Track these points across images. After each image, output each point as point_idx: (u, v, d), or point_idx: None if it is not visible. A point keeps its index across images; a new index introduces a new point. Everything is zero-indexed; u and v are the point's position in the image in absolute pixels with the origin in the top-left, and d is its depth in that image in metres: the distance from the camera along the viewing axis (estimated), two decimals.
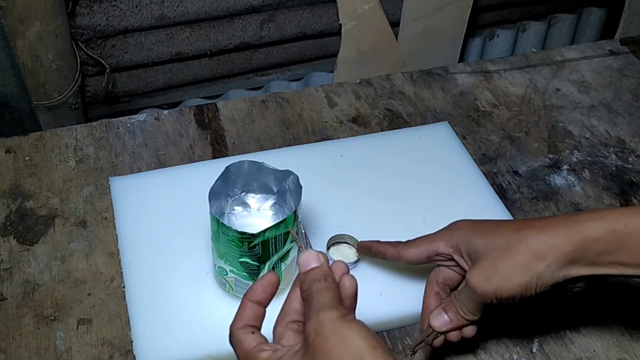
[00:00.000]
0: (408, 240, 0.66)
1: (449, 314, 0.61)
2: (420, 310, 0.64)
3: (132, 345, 0.65)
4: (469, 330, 0.62)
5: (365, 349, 0.43)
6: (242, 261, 0.63)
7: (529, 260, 0.56)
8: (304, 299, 0.49)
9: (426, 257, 0.63)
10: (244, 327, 0.49)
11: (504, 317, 0.68)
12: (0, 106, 1.18)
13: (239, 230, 0.61)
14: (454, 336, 0.61)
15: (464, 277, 0.61)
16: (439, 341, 0.62)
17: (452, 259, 0.62)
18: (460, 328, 0.61)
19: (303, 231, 0.56)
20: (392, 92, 0.97)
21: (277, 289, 0.51)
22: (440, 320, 0.61)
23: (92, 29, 1.22)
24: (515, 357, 0.67)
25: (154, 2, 1.23)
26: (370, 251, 0.70)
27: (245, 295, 0.51)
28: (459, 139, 0.88)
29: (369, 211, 0.78)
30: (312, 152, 0.85)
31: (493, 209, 0.79)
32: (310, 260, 0.49)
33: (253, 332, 0.49)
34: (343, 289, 0.49)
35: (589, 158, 0.88)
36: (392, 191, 0.80)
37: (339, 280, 0.50)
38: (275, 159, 0.71)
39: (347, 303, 0.49)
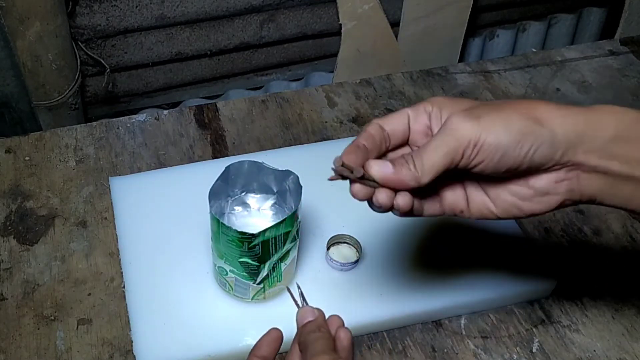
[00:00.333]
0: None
1: (397, 164, 0.49)
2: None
3: (132, 345, 0.65)
4: (400, 199, 0.50)
5: None
6: (242, 261, 0.63)
7: (529, 120, 0.47)
8: (301, 350, 0.51)
9: (405, 122, 0.52)
10: None
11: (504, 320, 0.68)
12: (0, 106, 1.18)
13: (239, 230, 0.61)
14: (382, 197, 0.50)
15: (406, 143, 0.52)
16: (363, 189, 0.51)
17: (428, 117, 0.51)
18: (397, 189, 0.50)
19: (300, 290, 0.58)
20: (392, 92, 0.97)
21: (281, 343, 0.54)
22: (383, 169, 0.49)
23: (92, 29, 1.22)
24: (515, 357, 0.67)
25: (154, 2, 1.23)
26: (355, 156, 0.51)
27: (251, 351, 0.53)
28: None
29: (369, 211, 0.78)
30: (312, 152, 0.85)
31: None
32: (306, 316, 0.52)
33: None
34: (339, 341, 0.51)
35: None
36: None
37: (334, 333, 0.52)
38: (275, 159, 0.71)
39: (343, 354, 0.51)
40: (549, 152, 0.47)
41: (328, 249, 0.73)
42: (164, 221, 0.76)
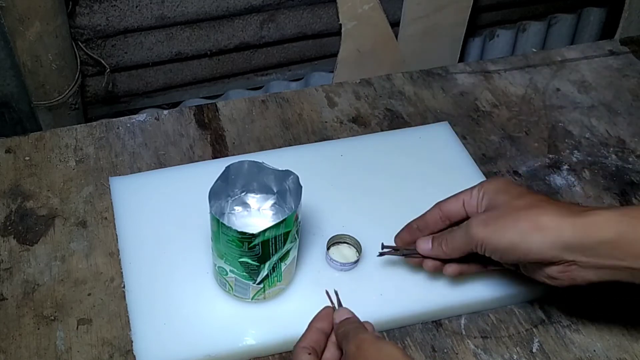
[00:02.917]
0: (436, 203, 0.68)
1: (435, 243, 0.65)
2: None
3: (132, 345, 0.65)
4: (449, 269, 0.67)
5: (400, 356, 0.53)
6: (242, 261, 0.63)
7: (528, 227, 0.58)
8: (339, 341, 0.58)
9: (462, 205, 0.65)
10: (305, 347, 0.58)
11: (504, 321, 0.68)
12: (0, 106, 1.18)
13: (239, 230, 0.61)
14: (429, 265, 0.67)
15: (467, 218, 0.64)
16: (413, 260, 0.69)
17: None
18: (440, 260, 0.66)
19: (335, 291, 0.65)
20: (392, 92, 0.97)
21: (331, 329, 0.61)
22: (424, 246, 0.66)
23: (92, 29, 1.22)
24: (515, 357, 0.67)
25: (154, 2, 1.23)
26: (408, 236, 0.69)
27: (313, 319, 0.61)
28: (459, 139, 0.88)
29: (369, 211, 0.78)
30: (312, 152, 0.85)
31: None
32: (343, 314, 0.61)
33: (310, 354, 0.57)
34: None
35: (589, 158, 0.88)
36: (392, 191, 0.80)
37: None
38: (275, 159, 0.71)
39: None
40: (541, 255, 0.58)
41: (328, 249, 0.73)
42: (164, 221, 0.76)
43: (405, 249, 0.68)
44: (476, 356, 0.67)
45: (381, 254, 0.69)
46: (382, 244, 0.69)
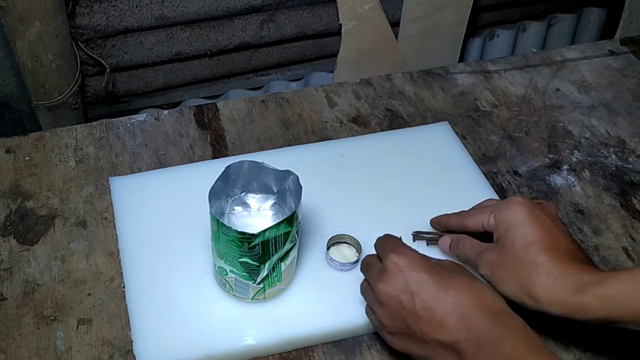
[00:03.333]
0: (472, 208, 0.71)
1: (452, 246, 0.70)
2: None
3: (132, 345, 0.65)
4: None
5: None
6: (242, 261, 0.63)
7: (522, 291, 0.60)
8: (378, 253, 0.64)
9: (481, 226, 0.67)
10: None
11: None
12: (0, 106, 1.18)
13: (239, 230, 0.61)
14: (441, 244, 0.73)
15: (487, 235, 0.67)
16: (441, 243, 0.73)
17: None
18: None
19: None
20: (392, 92, 0.97)
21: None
22: (443, 245, 0.72)
23: (92, 29, 1.22)
24: None
25: (154, 2, 1.23)
26: (439, 225, 0.74)
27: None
28: (459, 139, 0.88)
29: (369, 211, 0.78)
30: (312, 152, 0.85)
31: None
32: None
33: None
34: None
35: (589, 158, 0.88)
36: (392, 191, 0.80)
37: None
38: (275, 159, 0.71)
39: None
40: (540, 310, 0.60)
41: (328, 249, 0.73)
42: (164, 221, 0.76)
43: (433, 239, 0.74)
44: None
45: (416, 240, 0.75)
46: (418, 235, 0.75)
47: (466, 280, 0.58)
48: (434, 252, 0.71)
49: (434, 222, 0.74)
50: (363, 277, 0.65)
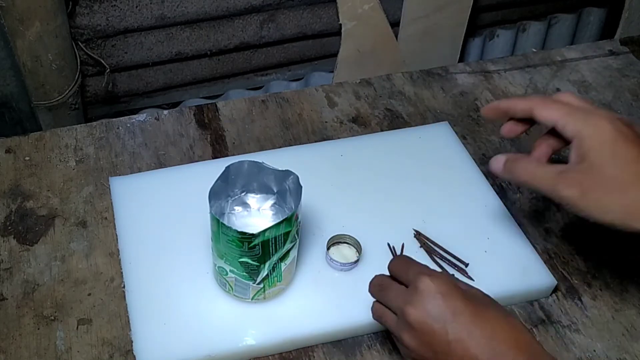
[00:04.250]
0: (538, 96, 0.65)
1: (507, 166, 0.63)
2: None
3: (132, 345, 0.65)
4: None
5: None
6: (242, 261, 0.63)
7: (633, 212, 0.55)
8: (399, 278, 0.60)
9: (555, 123, 0.60)
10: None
11: None
12: (0, 106, 1.18)
13: (239, 230, 0.61)
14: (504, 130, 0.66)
15: (559, 149, 0.62)
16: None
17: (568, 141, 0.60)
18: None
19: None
20: (392, 92, 0.97)
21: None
22: (496, 165, 0.64)
23: (92, 29, 1.22)
24: None
25: (154, 2, 1.23)
26: (497, 110, 0.65)
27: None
28: (459, 139, 0.88)
29: (369, 211, 0.78)
30: (312, 152, 0.85)
31: (493, 209, 0.79)
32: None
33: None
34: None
35: None
36: (392, 191, 0.80)
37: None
38: (275, 159, 0.71)
39: None
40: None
41: (328, 249, 0.73)
42: (164, 221, 0.76)
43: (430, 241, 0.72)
44: None
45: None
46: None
47: (500, 314, 0.55)
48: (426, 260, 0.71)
49: (490, 108, 0.65)
50: (363, 277, 0.65)
